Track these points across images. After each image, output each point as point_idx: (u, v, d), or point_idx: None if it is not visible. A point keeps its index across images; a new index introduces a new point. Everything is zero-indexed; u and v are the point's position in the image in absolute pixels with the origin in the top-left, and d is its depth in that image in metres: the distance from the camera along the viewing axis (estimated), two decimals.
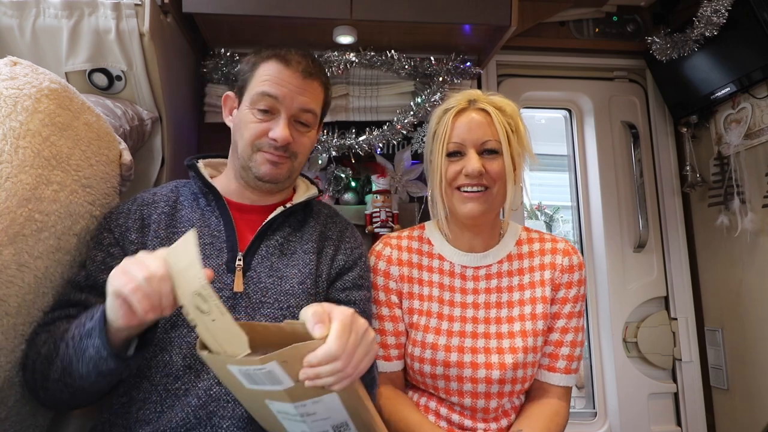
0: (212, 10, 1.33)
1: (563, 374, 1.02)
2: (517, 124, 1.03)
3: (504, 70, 1.83)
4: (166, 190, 1.00)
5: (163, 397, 0.81)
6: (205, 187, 0.98)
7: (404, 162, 1.69)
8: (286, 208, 0.99)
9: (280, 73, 0.94)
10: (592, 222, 1.84)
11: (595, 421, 1.72)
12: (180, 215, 0.95)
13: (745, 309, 1.56)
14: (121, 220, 0.93)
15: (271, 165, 0.95)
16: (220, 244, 0.93)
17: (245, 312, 0.88)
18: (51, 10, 1.14)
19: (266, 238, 0.96)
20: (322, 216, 1.06)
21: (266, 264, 0.93)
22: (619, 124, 1.84)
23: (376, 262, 1.09)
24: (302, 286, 0.92)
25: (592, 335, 1.78)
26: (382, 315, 1.06)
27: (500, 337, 1.02)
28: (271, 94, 0.93)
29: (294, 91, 0.94)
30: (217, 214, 0.96)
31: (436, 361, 0.99)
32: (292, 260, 0.95)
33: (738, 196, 1.54)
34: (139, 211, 0.95)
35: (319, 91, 0.99)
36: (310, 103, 0.96)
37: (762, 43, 1.38)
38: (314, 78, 0.97)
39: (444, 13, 1.38)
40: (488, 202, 1.00)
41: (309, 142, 1.00)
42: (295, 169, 1.00)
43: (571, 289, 1.04)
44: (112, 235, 0.92)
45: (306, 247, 0.98)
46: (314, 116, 0.98)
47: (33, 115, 0.82)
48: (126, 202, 0.98)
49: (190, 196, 1.00)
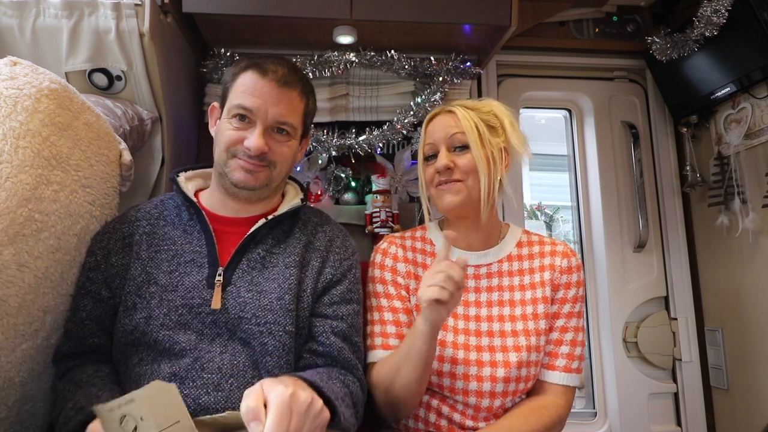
0: (212, 10, 1.33)
1: (562, 372, 1.03)
2: (501, 120, 1.06)
3: (504, 70, 1.83)
4: (150, 206, 1.00)
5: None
6: (186, 202, 0.97)
7: (404, 162, 1.69)
8: (267, 220, 0.97)
9: (255, 84, 0.93)
10: (592, 222, 1.84)
11: (595, 421, 1.72)
12: (162, 233, 0.95)
13: (745, 309, 1.56)
14: (104, 242, 0.94)
15: (245, 172, 0.93)
16: (201, 260, 0.92)
17: (225, 327, 0.87)
18: (51, 10, 1.14)
19: (248, 252, 0.94)
20: (310, 225, 1.03)
21: (246, 279, 0.91)
22: (619, 124, 1.84)
23: (383, 259, 1.10)
24: (281, 301, 0.89)
25: (592, 335, 1.78)
26: (395, 308, 1.05)
27: (503, 335, 1.02)
28: (245, 107, 0.92)
29: (269, 102, 0.92)
30: (199, 228, 0.95)
31: (444, 358, 1.00)
32: (273, 274, 0.92)
33: (738, 196, 1.54)
34: (121, 230, 0.95)
35: (297, 101, 0.97)
36: (286, 116, 0.94)
37: (762, 43, 1.38)
38: (291, 87, 0.95)
39: (444, 13, 1.38)
40: (462, 192, 1.03)
41: (289, 151, 0.98)
42: (274, 179, 0.97)
43: (570, 290, 1.06)
44: (95, 258, 0.93)
45: (288, 261, 0.95)
46: (291, 128, 0.96)
47: (33, 115, 0.82)
48: (114, 221, 0.99)
49: (174, 210, 0.99)
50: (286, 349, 0.88)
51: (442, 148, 1.05)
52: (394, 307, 1.05)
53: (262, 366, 0.86)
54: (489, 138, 1.03)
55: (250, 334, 0.87)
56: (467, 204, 1.04)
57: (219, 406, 0.81)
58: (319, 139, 1.56)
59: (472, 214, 1.06)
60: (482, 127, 1.03)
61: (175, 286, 0.88)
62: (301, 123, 1.00)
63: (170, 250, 0.92)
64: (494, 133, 1.05)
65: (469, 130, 1.02)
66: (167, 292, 0.87)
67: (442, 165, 1.03)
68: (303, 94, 0.98)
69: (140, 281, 0.89)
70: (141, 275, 0.89)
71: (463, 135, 1.03)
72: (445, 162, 1.02)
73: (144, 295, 0.87)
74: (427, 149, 1.08)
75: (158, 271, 0.90)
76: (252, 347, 0.86)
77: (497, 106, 1.09)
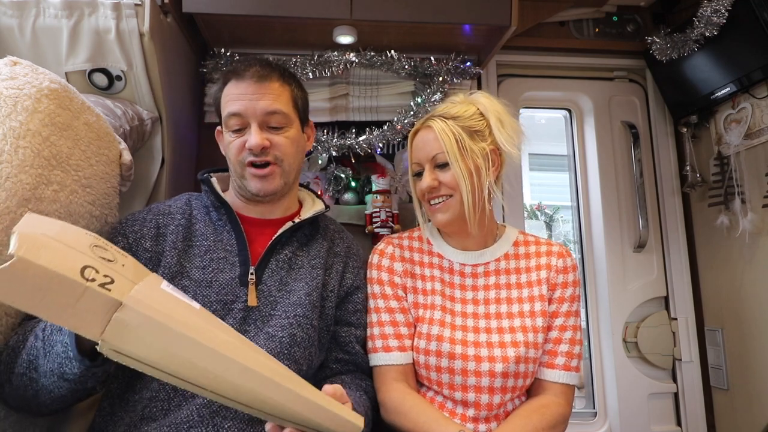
0: (212, 10, 1.33)
1: (561, 371, 1.04)
2: (487, 119, 1.05)
3: (504, 70, 1.83)
4: (180, 203, 1.02)
5: (171, 396, 0.82)
6: (218, 202, 1.00)
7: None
8: (294, 223, 1.01)
9: (236, 89, 0.97)
10: (592, 222, 1.84)
11: (595, 421, 1.72)
12: (195, 228, 0.98)
13: (745, 309, 1.56)
14: (137, 227, 0.95)
15: (259, 180, 0.97)
16: (233, 258, 0.95)
17: (254, 325, 0.90)
18: (51, 10, 1.14)
19: (276, 253, 0.99)
20: (330, 231, 1.10)
21: (276, 278, 0.96)
22: (619, 124, 1.84)
23: (380, 260, 1.12)
24: (309, 297, 0.95)
25: (592, 335, 1.78)
26: (392, 308, 1.07)
27: (501, 332, 1.04)
28: (234, 113, 0.96)
29: (253, 99, 0.95)
30: (229, 228, 0.99)
31: (441, 353, 1.01)
32: (300, 274, 0.98)
33: (738, 196, 1.54)
34: (155, 220, 0.97)
35: (281, 90, 0.99)
36: (273, 104, 0.96)
37: (762, 43, 1.38)
38: (269, 79, 0.98)
39: (444, 13, 1.38)
40: (451, 208, 1.05)
41: (290, 142, 0.99)
42: (287, 174, 1.01)
43: (567, 289, 1.08)
44: (126, 240, 0.94)
45: (314, 263, 1.01)
46: (283, 115, 0.98)
47: (33, 115, 0.82)
48: (141, 211, 1.00)
49: (202, 209, 1.02)
50: (312, 341, 0.94)
51: (426, 166, 1.06)
52: (391, 308, 1.07)
53: (290, 356, 0.89)
54: (471, 147, 1.03)
55: (279, 327, 0.90)
56: (458, 218, 1.06)
57: None
58: (319, 139, 1.56)
59: (464, 226, 1.08)
60: (463, 138, 1.02)
61: (209, 282, 0.91)
62: (293, 109, 1.01)
63: (203, 246, 0.95)
64: (479, 137, 1.04)
65: (447, 147, 1.02)
66: (202, 287, 0.90)
67: (426, 186, 1.05)
68: (284, 82, 1.00)
69: (174, 271, 0.91)
70: (176, 266, 0.92)
71: (443, 154, 1.03)
72: (429, 182, 1.05)
73: (177, 287, 0.88)
74: (414, 167, 1.10)
75: (191, 265, 0.93)
76: (279, 339, 0.89)
77: (483, 103, 1.07)
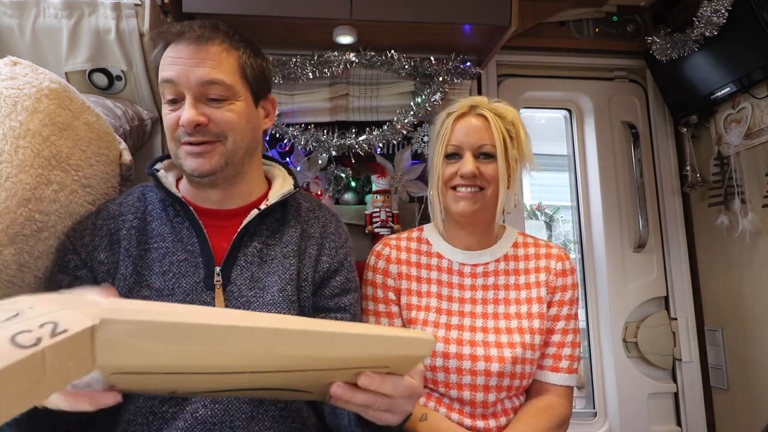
0: (212, 10, 1.33)
1: (566, 374, 1.04)
2: (517, 130, 1.07)
3: (504, 70, 1.83)
4: (132, 199, 0.91)
5: (150, 420, 0.77)
6: (169, 197, 0.88)
7: (404, 162, 1.69)
8: (260, 210, 0.89)
9: (173, 52, 0.82)
10: (592, 222, 1.84)
11: (595, 421, 1.72)
12: (150, 228, 0.87)
13: (745, 309, 1.56)
14: (87, 239, 0.85)
15: (195, 157, 0.83)
16: (195, 260, 0.85)
17: None
18: (51, 10, 1.14)
19: (243, 246, 0.87)
20: (303, 211, 0.96)
21: (246, 275, 0.85)
22: (619, 124, 1.84)
23: (376, 261, 1.12)
24: (282, 293, 0.85)
25: (592, 335, 1.78)
26: (379, 311, 1.08)
27: (498, 332, 1.04)
28: (167, 79, 0.82)
29: (188, 65, 0.80)
30: (188, 225, 0.87)
31: (436, 353, 1.01)
32: (272, 267, 0.87)
33: (738, 196, 1.54)
34: (106, 226, 0.86)
35: (224, 55, 0.83)
36: (210, 73, 0.81)
37: (762, 43, 1.38)
38: (211, 42, 0.82)
39: (444, 13, 1.38)
40: (480, 201, 1.04)
41: (235, 116, 0.84)
42: (232, 152, 0.85)
43: (566, 292, 1.08)
44: (78, 256, 0.83)
45: (286, 251, 0.89)
46: (225, 87, 0.82)
47: (33, 115, 0.81)
48: (90, 216, 0.89)
49: (158, 204, 0.90)
50: None
51: (467, 153, 1.03)
52: (378, 311, 1.08)
53: None
54: (510, 149, 1.05)
55: None
56: (481, 212, 1.05)
57: (216, 419, 0.77)
58: (319, 139, 1.56)
59: (481, 220, 1.08)
60: (507, 139, 1.04)
61: (171, 290, 0.82)
62: (240, 79, 0.85)
63: (160, 248, 0.85)
64: (512, 143, 1.06)
65: (498, 143, 1.03)
66: (163, 296, 0.81)
67: (468, 171, 1.02)
68: (231, 47, 0.85)
69: (131, 282, 0.82)
70: (132, 276, 0.82)
71: (493, 147, 1.03)
72: (472, 169, 1.02)
73: (136, 299, 0.81)
74: (450, 149, 1.05)
75: (150, 272, 0.83)
76: None
77: (516, 116, 1.09)
